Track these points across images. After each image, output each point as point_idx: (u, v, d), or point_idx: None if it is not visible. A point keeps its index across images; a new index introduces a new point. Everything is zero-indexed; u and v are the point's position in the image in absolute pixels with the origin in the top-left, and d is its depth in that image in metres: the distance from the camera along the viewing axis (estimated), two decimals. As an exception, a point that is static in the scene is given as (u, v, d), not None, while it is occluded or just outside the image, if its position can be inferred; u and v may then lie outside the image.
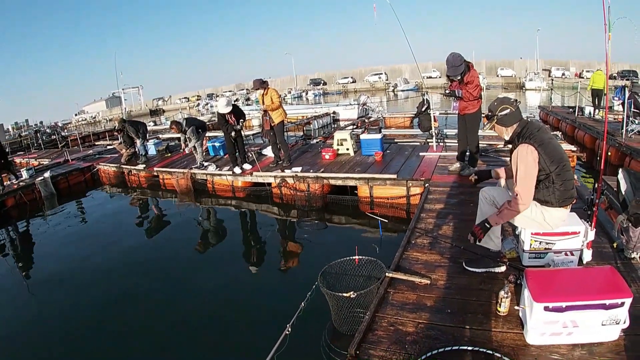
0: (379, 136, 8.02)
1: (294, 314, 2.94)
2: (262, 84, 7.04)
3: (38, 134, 21.01)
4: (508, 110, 2.76)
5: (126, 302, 4.73)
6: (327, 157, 7.97)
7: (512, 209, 2.70)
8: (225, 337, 3.89)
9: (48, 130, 24.32)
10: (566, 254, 2.91)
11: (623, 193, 2.89)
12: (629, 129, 8.35)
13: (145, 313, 4.47)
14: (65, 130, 27.02)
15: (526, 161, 2.63)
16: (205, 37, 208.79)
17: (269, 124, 7.23)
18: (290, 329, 2.73)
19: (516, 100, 2.85)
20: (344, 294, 3.14)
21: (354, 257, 3.67)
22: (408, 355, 2.37)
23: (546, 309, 2.15)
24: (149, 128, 13.71)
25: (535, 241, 2.93)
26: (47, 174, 9.80)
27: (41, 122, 39.48)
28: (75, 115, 57.18)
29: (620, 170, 3.01)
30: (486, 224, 2.84)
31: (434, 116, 8.89)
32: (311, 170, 7.22)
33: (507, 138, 2.88)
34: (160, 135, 14.29)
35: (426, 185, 5.83)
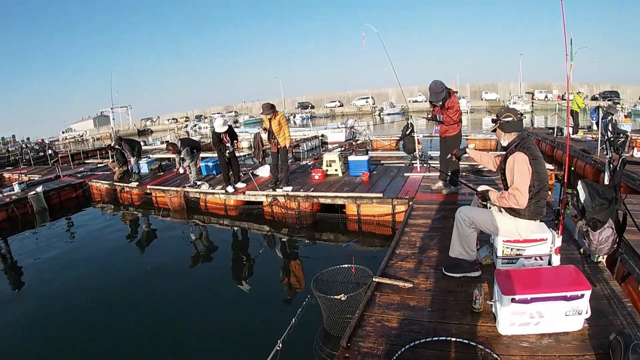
0: (365, 158, 8.42)
1: (285, 327, 3.05)
2: (271, 109, 7.19)
3: (27, 149, 21.05)
4: (510, 119, 3.17)
5: (114, 319, 4.76)
6: (316, 177, 8.29)
7: (509, 201, 3.03)
8: (216, 353, 3.99)
9: (36, 147, 24.35)
10: (536, 259, 3.24)
11: (582, 202, 3.27)
12: (604, 147, 8.89)
13: (134, 331, 4.48)
14: (54, 147, 26.99)
15: (523, 167, 2.98)
16: (194, 58, 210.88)
17: (276, 147, 7.45)
18: (280, 345, 2.81)
19: (522, 114, 3.26)
20: (335, 297, 3.42)
21: (344, 265, 3.97)
22: (393, 345, 2.64)
23: (513, 300, 2.46)
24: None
25: (507, 248, 3.26)
26: (39, 189, 9.93)
27: (28, 139, 39.38)
28: (63, 132, 56.93)
29: (579, 182, 3.40)
30: (487, 195, 3.26)
31: (417, 139, 9.31)
32: (301, 190, 7.50)
33: (503, 144, 3.25)
34: (151, 155, 14.43)
35: (410, 203, 6.17)
